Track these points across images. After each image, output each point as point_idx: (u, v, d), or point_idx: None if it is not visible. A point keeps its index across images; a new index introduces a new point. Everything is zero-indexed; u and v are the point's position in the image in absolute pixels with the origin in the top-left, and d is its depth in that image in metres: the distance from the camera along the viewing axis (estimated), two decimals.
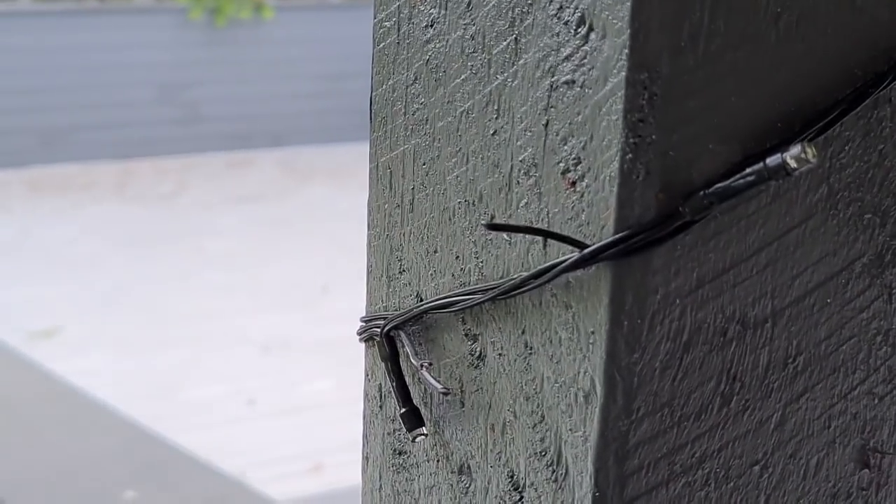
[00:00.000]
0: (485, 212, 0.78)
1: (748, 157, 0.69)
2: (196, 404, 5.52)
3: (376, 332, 0.88)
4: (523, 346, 0.76)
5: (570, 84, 0.70)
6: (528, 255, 0.74)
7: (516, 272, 0.75)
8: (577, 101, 0.70)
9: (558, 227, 0.72)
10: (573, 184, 0.70)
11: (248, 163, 10.48)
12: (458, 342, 0.82)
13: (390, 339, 0.86)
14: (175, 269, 7.47)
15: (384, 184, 0.88)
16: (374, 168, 0.89)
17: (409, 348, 0.85)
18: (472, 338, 0.80)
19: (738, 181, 0.68)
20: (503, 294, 0.75)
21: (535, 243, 0.74)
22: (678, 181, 0.68)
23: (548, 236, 0.72)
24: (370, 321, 0.90)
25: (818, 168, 0.72)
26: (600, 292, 0.69)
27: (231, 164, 10.41)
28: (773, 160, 0.66)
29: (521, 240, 0.75)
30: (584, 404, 0.71)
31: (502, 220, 0.76)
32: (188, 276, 7.36)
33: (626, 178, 0.67)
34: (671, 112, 0.67)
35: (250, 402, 5.55)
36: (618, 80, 0.67)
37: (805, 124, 0.70)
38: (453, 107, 0.80)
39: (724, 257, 0.71)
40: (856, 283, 0.77)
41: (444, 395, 0.83)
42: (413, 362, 0.84)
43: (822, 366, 0.77)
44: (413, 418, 0.85)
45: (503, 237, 0.76)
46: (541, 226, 0.73)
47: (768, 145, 0.69)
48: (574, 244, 0.70)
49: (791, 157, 0.66)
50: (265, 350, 6.18)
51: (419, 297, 0.85)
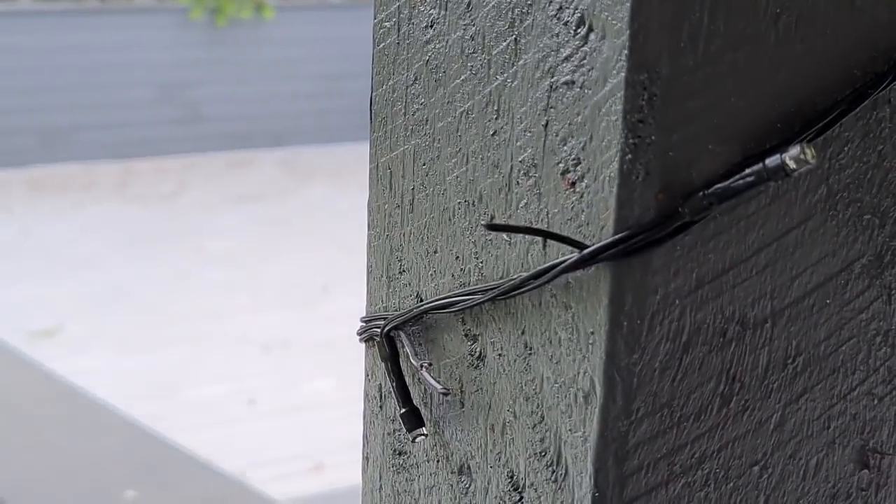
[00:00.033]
0: (485, 212, 0.78)
1: (748, 158, 0.69)
2: (196, 404, 5.52)
3: (376, 332, 0.88)
4: (523, 346, 0.76)
5: (569, 85, 0.70)
6: (527, 256, 0.74)
7: (516, 272, 0.75)
8: (576, 101, 0.70)
9: (558, 228, 0.72)
10: (573, 184, 0.70)
11: (248, 163, 10.48)
12: (457, 342, 0.82)
13: (390, 340, 0.86)
14: (175, 269, 7.48)
15: (384, 184, 0.88)
16: (374, 168, 0.89)
17: (409, 348, 0.85)
18: (471, 338, 0.80)
19: (737, 182, 0.68)
20: (503, 294, 0.75)
21: (535, 244, 0.74)
22: (678, 182, 0.68)
23: (547, 237, 0.72)
24: (370, 321, 0.90)
25: (817, 169, 0.73)
26: (600, 293, 0.69)
27: (231, 164, 10.41)
28: (772, 161, 0.66)
29: (521, 240, 0.75)
30: (584, 405, 0.71)
31: (502, 220, 0.76)
32: (188, 275, 7.37)
33: (625, 179, 0.67)
34: (671, 113, 0.67)
35: (251, 401, 5.56)
36: (617, 80, 0.67)
37: (804, 125, 0.70)
38: (453, 107, 0.80)
39: (724, 258, 0.71)
40: (855, 284, 0.77)
41: (444, 395, 0.83)
42: (413, 362, 0.84)
43: (821, 366, 0.77)
44: (413, 418, 0.85)
45: (503, 237, 0.76)
46: (540, 226, 0.73)
47: (768, 146, 0.69)
48: (574, 245, 0.70)
49: (790, 157, 0.66)
50: (266, 350, 6.19)
51: (419, 298, 0.85)
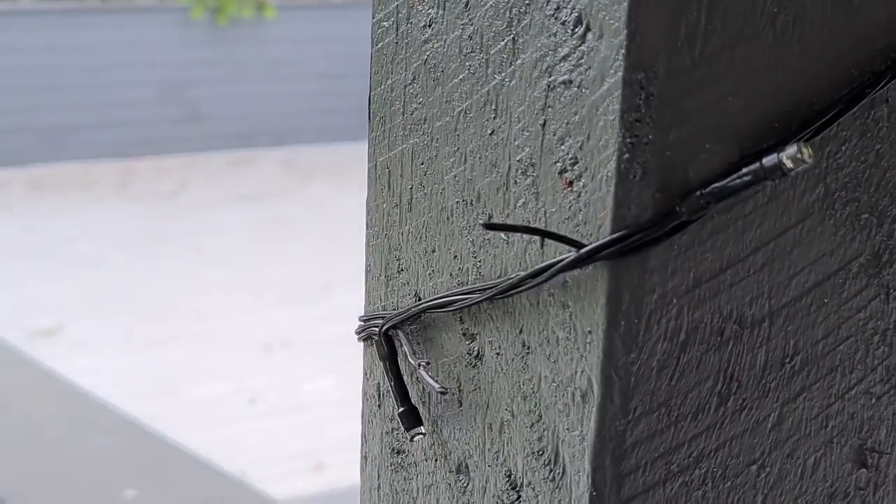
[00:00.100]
0: (482, 211, 0.78)
1: (745, 157, 0.69)
2: (197, 403, 5.52)
3: (374, 331, 0.88)
4: (521, 345, 0.76)
5: (567, 84, 0.70)
6: (525, 255, 0.74)
7: (514, 271, 0.75)
8: (574, 100, 0.70)
9: (555, 227, 0.72)
10: (570, 183, 0.70)
11: (249, 162, 10.48)
12: (455, 341, 0.82)
13: (388, 339, 0.87)
14: (176, 268, 7.48)
15: (382, 183, 0.88)
16: (373, 167, 0.89)
17: (408, 347, 0.85)
18: (469, 337, 0.80)
19: (734, 181, 0.68)
20: (501, 293, 0.75)
21: (533, 243, 0.74)
22: (675, 181, 0.68)
23: (545, 236, 0.72)
24: (368, 320, 0.90)
25: (815, 168, 0.73)
26: (597, 292, 0.69)
27: (232, 163, 10.41)
28: (769, 160, 0.66)
29: (519, 239, 0.75)
30: (582, 404, 0.72)
31: (500, 219, 0.76)
32: (189, 274, 7.37)
33: (622, 178, 0.67)
34: (668, 112, 0.67)
35: (251, 400, 5.56)
36: (615, 79, 0.67)
37: (802, 124, 0.70)
38: (451, 106, 0.80)
39: (721, 257, 0.71)
40: (853, 283, 0.77)
41: (442, 394, 0.83)
42: (411, 361, 0.84)
43: (819, 365, 0.77)
44: (411, 417, 0.85)
45: (501, 237, 0.76)
46: (538, 225, 0.73)
47: (765, 145, 0.69)
48: (571, 244, 0.70)
49: (787, 157, 0.66)
50: (266, 349, 6.19)
51: (417, 297, 0.85)
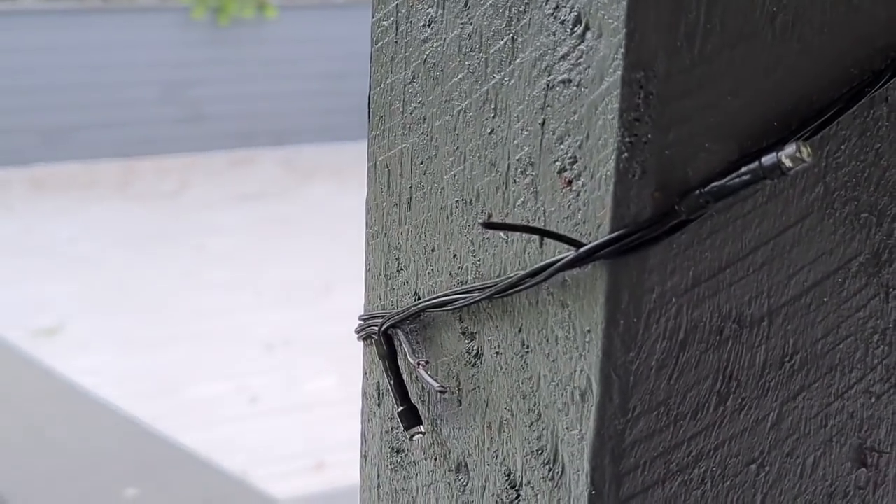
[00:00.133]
0: (482, 210, 0.78)
1: (744, 156, 0.69)
2: (198, 402, 5.53)
3: (374, 330, 0.88)
4: (520, 344, 0.76)
5: (566, 83, 0.70)
6: (524, 254, 0.74)
7: (513, 271, 0.75)
8: (573, 100, 0.70)
9: (555, 226, 0.72)
10: (569, 182, 0.70)
11: (250, 161, 10.48)
12: (455, 340, 0.82)
13: (388, 338, 0.86)
14: (177, 268, 7.48)
15: (382, 182, 0.88)
16: (373, 167, 0.89)
17: (407, 347, 0.85)
18: (469, 336, 0.80)
19: (733, 180, 0.68)
20: (500, 292, 0.75)
21: (532, 242, 0.74)
22: (674, 180, 0.68)
23: (544, 235, 0.72)
24: (368, 319, 0.90)
25: (814, 167, 0.73)
26: (596, 291, 0.69)
27: (233, 163, 10.41)
28: (768, 159, 0.66)
29: (518, 238, 0.75)
30: (581, 403, 0.71)
31: (499, 218, 0.76)
32: (190, 274, 7.37)
33: (622, 177, 0.67)
34: (667, 111, 0.67)
35: (252, 400, 5.56)
36: (614, 79, 0.67)
37: (801, 123, 0.70)
38: (451, 106, 0.80)
39: (721, 256, 0.71)
40: (852, 282, 0.77)
41: (441, 393, 0.83)
42: (410, 360, 0.84)
43: (818, 364, 0.77)
44: (411, 417, 0.85)
45: (500, 236, 0.76)
46: (537, 224, 0.73)
47: (764, 144, 0.69)
48: (570, 243, 0.70)
49: (786, 156, 0.66)
50: (267, 348, 6.19)
51: (417, 296, 0.85)
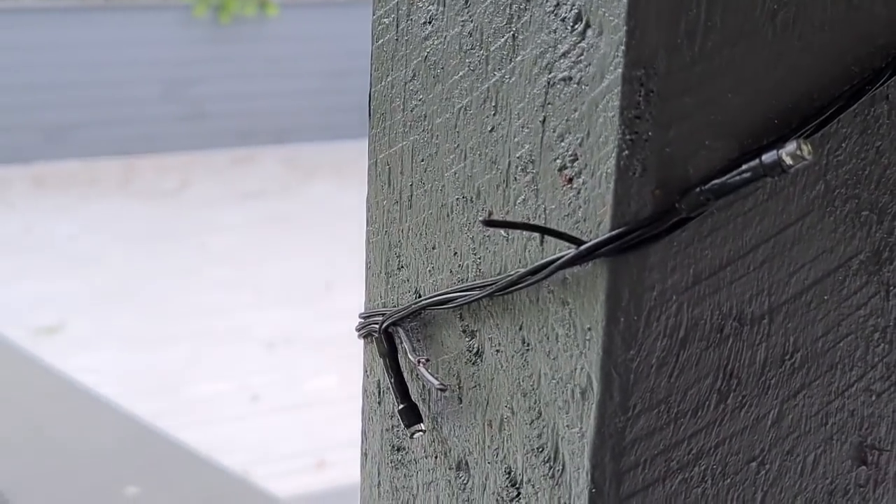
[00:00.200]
0: (482, 208, 0.78)
1: (745, 154, 0.69)
2: (199, 401, 5.53)
3: (374, 328, 0.88)
4: (520, 342, 0.76)
5: (567, 81, 0.70)
6: (525, 252, 0.74)
7: (513, 268, 0.75)
8: (573, 97, 0.70)
9: (555, 224, 0.72)
10: (570, 180, 0.70)
11: (251, 159, 10.48)
12: (455, 338, 0.82)
13: (388, 336, 0.86)
14: (178, 266, 7.48)
15: (383, 180, 0.88)
16: (373, 164, 0.89)
17: (408, 344, 0.85)
18: (469, 334, 0.80)
19: (734, 178, 0.68)
20: (500, 290, 0.75)
21: (532, 240, 0.74)
22: (674, 178, 0.68)
23: (545, 233, 0.72)
24: (369, 317, 0.90)
25: (815, 165, 0.73)
26: (597, 289, 0.69)
27: (234, 161, 10.41)
28: (768, 157, 0.66)
29: (519, 236, 0.75)
30: (581, 401, 0.71)
31: (500, 216, 0.76)
32: (191, 272, 7.37)
33: (622, 175, 0.67)
34: (667, 109, 0.67)
35: (254, 398, 5.56)
36: (614, 76, 0.67)
37: (801, 121, 0.70)
38: (451, 103, 0.80)
39: (721, 254, 0.71)
40: (853, 280, 0.77)
41: (442, 391, 0.83)
42: (411, 358, 0.84)
43: (819, 362, 0.77)
44: (411, 415, 0.85)
45: (500, 233, 0.76)
46: (538, 222, 0.73)
47: (765, 142, 0.69)
48: (570, 241, 0.70)
49: (787, 153, 0.66)
50: (269, 346, 6.19)
51: (417, 294, 0.85)
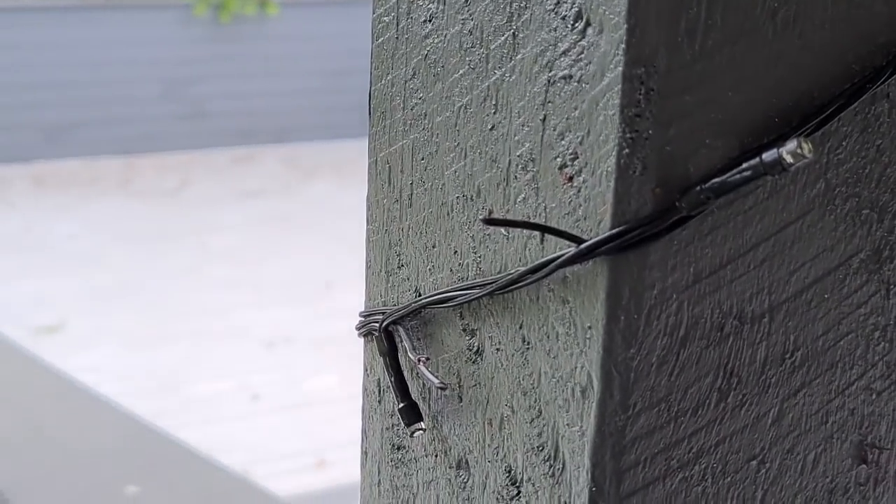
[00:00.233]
0: (483, 207, 0.78)
1: (745, 152, 0.68)
2: (200, 400, 5.53)
3: (375, 327, 0.88)
4: (521, 340, 0.76)
5: (567, 79, 0.70)
6: (525, 250, 0.74)
7: (514, 267, 0.75)
8: (574, 96, 0.70)
9: (555, 222, 0.72)
10: (570, 179, 0.70)
11: (251, 158, 10.48)
12: (456, 337, 0.82)
13: (389, 334, 0.86)
14: (179, 265, 7.48)
15: (383, 179, 0.88)
16: (373, 163, 0.89)
17: (408, 343, 0.85)
18: (469, 333, 0.80)
19: (734, 176, 0.67)
20: (501, 289, 0.75)
21: (533, 238, 0.74)
22: (675, 176, 0.68)
23: (545, 231, 0.72)
24: (369, 316, 0.90)
25: (815, 163, 0.72)
26: (597, 287, 0.69)
27: (235, 160, 10.41)
28: (769, 155, 0.66)
29: (519, 235, 0.75)
30: (581, 399, 0.71)
31: (500, 214, 0.76)
32: (192, 271, 7.37)
33: (622, 173, 0.67)
34: (668, 107, 0.67)
35: (254, 397, 5.56)
36: (614, 75, 0.67)
37: (802, 119, 0.70)
38: (451, 102, 0.80)
39: (721, 252, 0.71)
40: (853, 279, 0.77)
41: (442, 390, 0.83)
42: (411, 357, 0.84)
43: (819, 361, 0.77)
44: (411, 413, 0.85)
45: (501, 232, 0.76)
46: (538, 221, 0.73)
47: (765, 140, 0.69)
48: (571, 239, 0.70)
49: (787, 152, 0.66)
50: (269, 346, 6.19)
51: (417, 292, 0.85)
